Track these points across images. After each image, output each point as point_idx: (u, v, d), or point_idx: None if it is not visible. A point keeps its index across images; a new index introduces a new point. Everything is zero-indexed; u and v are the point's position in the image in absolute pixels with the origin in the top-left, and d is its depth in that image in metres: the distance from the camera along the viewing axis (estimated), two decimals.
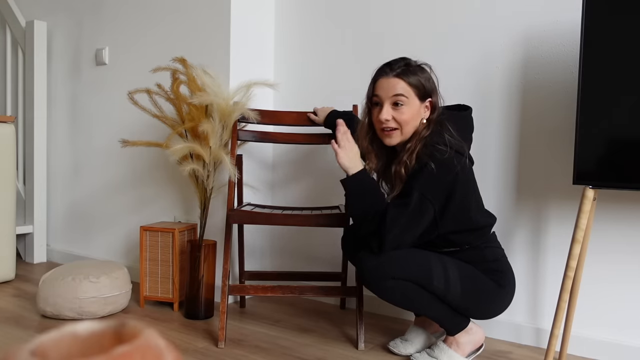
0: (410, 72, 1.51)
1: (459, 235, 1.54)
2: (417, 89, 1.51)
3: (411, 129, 1.53)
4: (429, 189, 1.43)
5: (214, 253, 2.05)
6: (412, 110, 1.51)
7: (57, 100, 2.94)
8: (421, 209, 1.43)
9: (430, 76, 1.55)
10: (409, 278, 1.47)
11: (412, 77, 1.51)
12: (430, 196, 1.43)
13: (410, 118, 1.52)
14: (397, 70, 1.51)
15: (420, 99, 1.52)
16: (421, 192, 1.43)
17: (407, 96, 1.51)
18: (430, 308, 1.52)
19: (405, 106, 1.51)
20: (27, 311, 2.05)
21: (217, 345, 1.75)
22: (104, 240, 2.74)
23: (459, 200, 1.48)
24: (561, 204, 1.78)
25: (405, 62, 1.53)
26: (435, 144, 1.46)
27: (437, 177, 1.43)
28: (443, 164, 1.43)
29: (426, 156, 1.45)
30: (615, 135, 1.40)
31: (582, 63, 1.44)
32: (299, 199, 2.36)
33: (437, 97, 1.55)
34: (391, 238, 1.44)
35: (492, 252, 1.58)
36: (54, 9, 2.93)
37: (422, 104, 1.53)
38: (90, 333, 0.56)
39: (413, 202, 1.43)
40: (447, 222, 1.49)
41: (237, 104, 1.93)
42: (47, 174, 2.96)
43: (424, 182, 1.43)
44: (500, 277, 1.56)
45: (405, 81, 1.50)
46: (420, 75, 1.52)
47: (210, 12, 2.27)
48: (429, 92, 1.53)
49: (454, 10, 1.96)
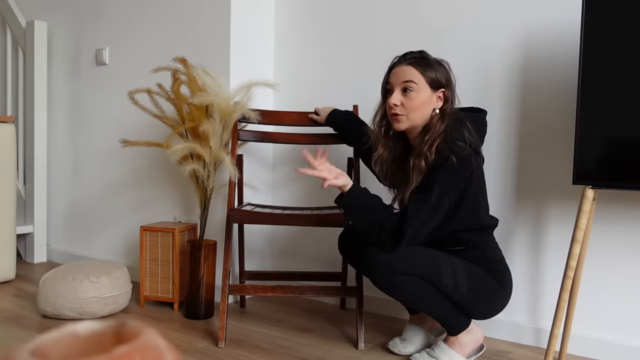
0: (424, 61, 1.53)
1: (466, 233, 1.55)
2: (428, 77, 1.52)
3: (419, 117, 1.53)
4: (449, 184, 1.44)
5: (214, 253, 2.06)
6: (421, 98, 1.52)
7: (57, 100, 2.94)
8: (439, 204, 1.44)
9: (446, 70, 1.55)
10: (420, 274, 1.47)
11: (425, 66, 1.53)
12: (448, 191, 1.44)
13: (419, 105, 1.52)
14: (410, 60, 1.54)
15: (432, 88, 1.53)
16: (441, 187, 1.43)
17: (417, 82, 1.52)
18: (436, 306, 1.53)
19: (414, 92, 1.52)
20: (28, 311, 2.05)
21: (217, 345, 1.75)
22: (104, 240, 2.74)
23: (471, 198, 1.49)
24: (561, 204, 1.78)
25: (421, 54, 1.56)
26: (455, 140, 1.47)
27: (457, 173, 1.44)
28: (463, 161, 1.44)
29: (447, 150, 1.45)
30: (615, 135, 1.40)
31: (582, 63, 1.44)
32: (299, 199, 2.36)
33: (451, 90, 1.55)
34: (411, 233, 1.43)
35: (493, 253, 1.60)
36: (54, 9, 2.93)
37: (434, 93, 1.53)
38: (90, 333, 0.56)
39: (433, 196, 1.43)
40: (458, 219, 1.50)
41: (238, 104, 1.93)
42: (47, 174, 2.96)
43: (444, 176, 1.44)
44: (501, 277, 1.57)
45: (416, 69, 1.52)
46: (434, 66, 1.53)
47: (210, 12, 2.27)
48: (441, 83, 1.53)
49: (453, 10, 1.96)
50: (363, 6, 2.18)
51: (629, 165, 1.39)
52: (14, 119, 2.58)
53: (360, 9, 2.19)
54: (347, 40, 2.23)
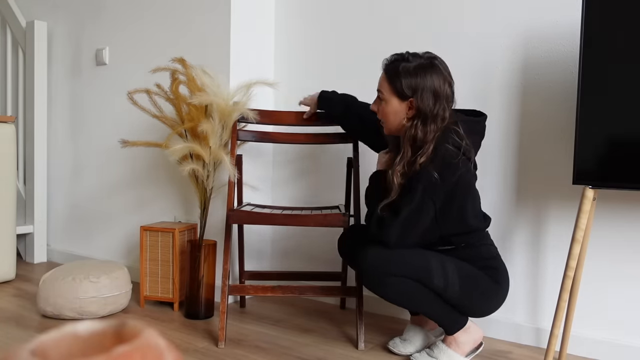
0: (393, 70, 1.53)
1: (456, 237, 1.56)
2: (394, 87, 1.53)
3: (392, 125, 1.58)
4: (433, 188, 1.45)
5: (214, 253, 2.06)
6: (390, 107, 1.56)
7: (57, 100, 2.94)
8: (422, 207, 1.46)
9: (421, 77, 1.49)
10: (409, 275, 1.48)
11: (393, 75, 1.53)
12: (432, 195, 1.45)
13: (388, 114, 1.57)
14: (385, 66, 1.58)
15: (399, 98, 1.53)
16: (423, 189, 1.45)
17: (384, 92, 1.57)
18: (429, 306, 1.53)
19: (384, 101, 1.57)
20: (28, 311, 2.05)
21: (217, 345, 1.75)
22: (104, 240, 2.74)
23: (458, 203, 1.50)
24: (561, 204, 1.78)
25: (400, 60, 1.54)
26: (445, 144, 1.47)
27: (442, 177, 1.44)
28: (450, 165, 1.45)
29: (435, 155, 1.46)
30: (615, 135, 1.40)
31: (582, 63, 1.44)
32: (299, 199, 2.36)
33: (424, 97, 1.49)
34: (394, 232, 1.48)
35: (487, 250, 1.60)
36: (54, 9, 2.93)
37: (402, 102, 1.53)
38: (90, 333, 0.56)
39: (417, 199, 1.45)
40: (446, 223, 1.50)
41: (237, 104, 1.93)
42: (47, 174, 2.96)
43: (428, 179, 1.44)
44: (495, 274, 1.57)
45: (385, 77, 1.56)
46: (403, 75, 1.51)
47: (210, 12, 2.27)
48: (406, 93, 1.51)
49: (454, 11, 1.96)
50: (363, 6, 2.18)
51: (629, 165, 1.39)
52: (14, 119, 2.58)
53: (360, 9, 2.19)
54: (347, 39, 2.22)
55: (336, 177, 2.23)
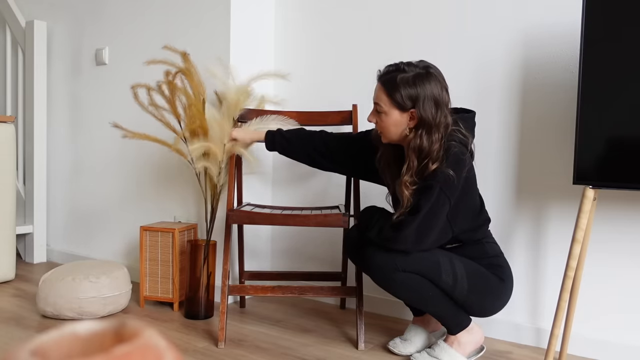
0: (391, 82, 1.50)
1: (463, 233, 1.56)
2: (394, 100, 1.50)
3: (393, 135, 1.56)
4: (448, 185, 1.45)
5: (214, 253, 2.05)
6: (390, 119, 1.53)
7: (57, 100, 2.94)
8: (439, 204, 1.45)
9: (420, 87, 1.48)
10: (418, 271, 1.49)
11: (391, 88, 1.50)
12: (448, 192, 1.45)
13: (389, 125, 1.54)
14: (381, 78, 1.54)
15: (399, 109, 1.51)
16: (440, 187, 1.45)
17: (384, 105, 1.53)
18: (436, 304, 1.54)
19: (383, 114, 1.54)
20: (27, 311, 2.05)
21: (217, 345, 1.75)
22: (104, 240, 2.74)
23: (465, 198, 1.51)
24: (561, 203, 1.78)
25: (396, 71, 1.51)
26: (454, 142, 1.49)
27: (454, 173, 1.45)
28: (460, 162, 1.46)
29: (446, 155, 1.47)
30: (615, 135, 1.40)
31: (582, 63, 1.44)
32: (299, 199, 2.36)
33: (425, 106, 1.48)
34: (410, 233, 1.46)
35: (492, 248, 1.61)
36: (54, 9, 2.93)
37: (403, 114, 1.51)
38: (90, 333, 0.56)
39: (434, 196, 1.44)
40: (455, 219, 1.51)
41: (245, 91, 1.95)
42: (47, 174, 2.96)
43: (443, 176, 1.45)
44: (500, 272, 1.58)
45: (384, 90, 1.52)
46: (402, 86, 1.48)
47: (210, 12, 2.27)
48: (406, 105, 1.49)
49: (454, 11, 1.96)
50: (364, 5, 2.18)
51: (629, 165, 1.38)
52: (14, 119, 2.58)
53: (361, 9, 2.19)
54: (347, 39, 2.22)
55: (336, 177, 2.23)
